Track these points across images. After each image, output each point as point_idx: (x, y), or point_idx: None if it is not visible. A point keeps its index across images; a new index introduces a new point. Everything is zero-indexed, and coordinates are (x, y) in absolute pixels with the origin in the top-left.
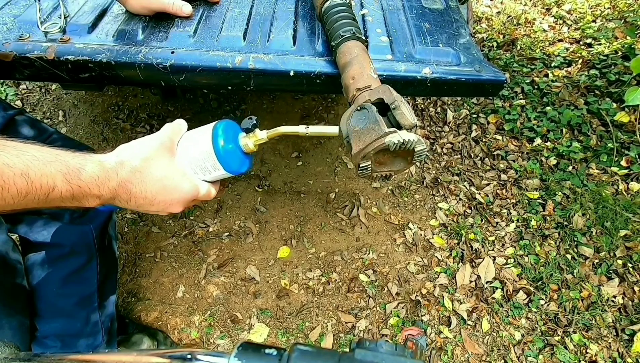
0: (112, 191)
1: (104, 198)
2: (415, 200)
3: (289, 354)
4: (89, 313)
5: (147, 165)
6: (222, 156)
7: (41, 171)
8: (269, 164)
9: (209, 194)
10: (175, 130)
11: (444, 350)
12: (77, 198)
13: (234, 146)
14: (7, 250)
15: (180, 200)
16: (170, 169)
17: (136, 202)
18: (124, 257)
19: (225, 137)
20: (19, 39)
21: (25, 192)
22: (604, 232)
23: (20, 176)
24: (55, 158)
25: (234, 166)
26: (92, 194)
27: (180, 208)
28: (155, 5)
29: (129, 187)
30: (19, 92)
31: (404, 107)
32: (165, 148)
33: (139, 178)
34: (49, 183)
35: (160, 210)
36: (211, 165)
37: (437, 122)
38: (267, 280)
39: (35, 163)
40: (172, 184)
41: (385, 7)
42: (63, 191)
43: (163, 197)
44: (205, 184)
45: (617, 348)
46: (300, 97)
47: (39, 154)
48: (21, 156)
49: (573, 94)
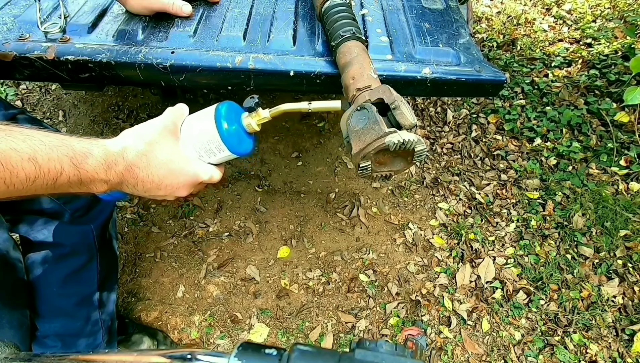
0: (119, 175)
1: (112, 182)
2: (415, 200)
3: (289, 354)
4: (89, 313)
5: (152, 149)
6: (227, 137)
7: (48, 156)
8: (269, 164)
9: (215, 177)
10: (177, 114)
11: (444, 350)
12: (85, 182)
13: (238, 127)
14: (8, 248)
15: (186, 183)
16: (175, 153)
17: (143, 186)
18: (124, 257)
19: (228, 118)
20: (19, 39)
21: (33, 177)
22: (604, 232)
23: (28, 160)
24: (61, 142)
25: (239, 146)
26: (100, 179)
27: (187, 192)
28: (156, 5)
29: (136, 171)
30: (19, 92)
31: (404, 107)
32: (169, 131)
33: (145, 162)
34: (57, 168)
35: (168, 194)
36: (216, 147)
37: (437, 122)
38: (267, 280)
39: (43, 148)
40: (178, 168)
41: (385, 7)
42: (71, 175)
43: (170, 181)
44: (211, 166)
45: (617, 348)
46: (300, 97)
47: (45, 139)
48: (28, 140)
49: (573, 94)
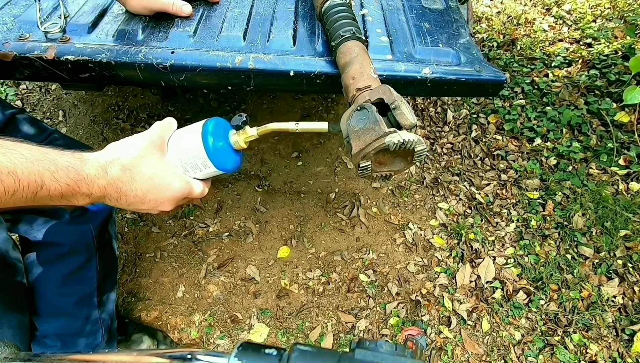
0: (102, 189)
1: (94, 196)
2: (415, 200)
3: (289, 354)
4: (89, 312)
5: (137, 163)
6: (213, 153)
7: (29, 170)
8: (269, 164)
9: (201, 192)
10: (165, 128)
11: (444, 350)
12: (66, 196)
13: (224, 144)
14: (7, 248)
15: (170, 198)
16: (160, 168)
17: (126, 201)
18: (124, 257)
19: (215, 134)
20: (19, 39)
21: (12, 190)
22: (604, 232)
23: (7, 174)
24: (43, 156)
25: (225, 163)
26: (82, 193)
27: (171, 207)
28: (155, 5)
29: (119, 185)
30: (19, 92)
31: (404, 107)
32: (155, 146)
33: (129, 176)
34: (37, 181)
35: (151, 208)
36: (202, 163)
37: (437, 122)
38: (267, 280)
39: (23, 161)
40: (162, 183)
41: (385, 7)
42: (51, 189)
43: (154, 196)
44: (197, 182)
45: (617, 348)
46: (300, 97)
47: (26, 152)
48: (8, 154)
49: (573, 94)
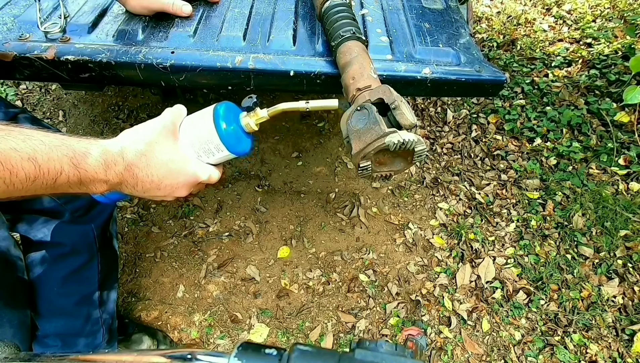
0: (119, 175)
1: (111, 182)
2: (415, 200)
3: (289, 354)
4: (90, 312)
5: (152, 149)
6: (225, 137)
7: (48, 156)
8: (269, 164)
9: (215, 177)
10: (176, 114)
11: (444, 350)
12: (85, 182)
13: (236, 126)
14: (9, 246)
15: (186, 184)
16: (174, 153)
17: (143, 187)
18: (124, 257)
19: (227, 118)
20: (19, 39)
21: (33, 177)
22: (604, 232)
23: (27, 160)
24: (61, 142)
25: (237, 146)
26: (99, 179)
27: (186, 192)
28: (155, 5)
29: (135, 171)
30: (19, 92)
31: (404, 107)
32: (169, 131)
33: (145, 162)
34: (57, 168)
35: (167, 194)
36: (214, 147)
37: (437, 122)
38: (267, 280)
39: (42, 148)
40: (177, 168)
41: (385, 7)
42: (70, 175)
43: (169, 181)
44: (210, 166)
45: (617, 348)
46: (301, 97)
47: (45, 139)
48: (28, 140)
49: (573, 94)
